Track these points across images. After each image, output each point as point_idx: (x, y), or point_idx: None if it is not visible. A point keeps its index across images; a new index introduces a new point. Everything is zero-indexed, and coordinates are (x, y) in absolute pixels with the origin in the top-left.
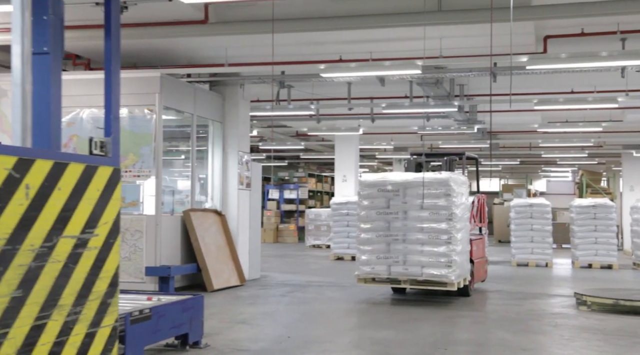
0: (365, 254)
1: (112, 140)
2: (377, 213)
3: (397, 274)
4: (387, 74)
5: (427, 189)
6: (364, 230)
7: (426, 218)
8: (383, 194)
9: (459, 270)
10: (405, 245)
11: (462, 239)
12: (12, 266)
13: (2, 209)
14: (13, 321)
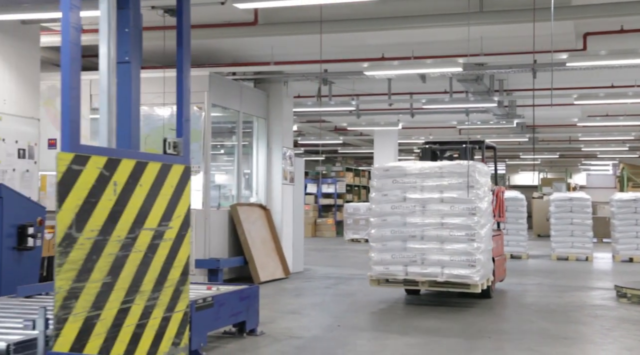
0: (378, 252)
1: (183, 140)
2: (391, 207)
3: (415, 275)
4: (428, 71)
5: (448, 179)
6: (377, 225)
7: (447, 212)
8: (398, 185)
9: (483, 270)
10: (424, 243)
11: (486, 236)
12: (103, 255)
13: (95, 204)
14: (104, 304)
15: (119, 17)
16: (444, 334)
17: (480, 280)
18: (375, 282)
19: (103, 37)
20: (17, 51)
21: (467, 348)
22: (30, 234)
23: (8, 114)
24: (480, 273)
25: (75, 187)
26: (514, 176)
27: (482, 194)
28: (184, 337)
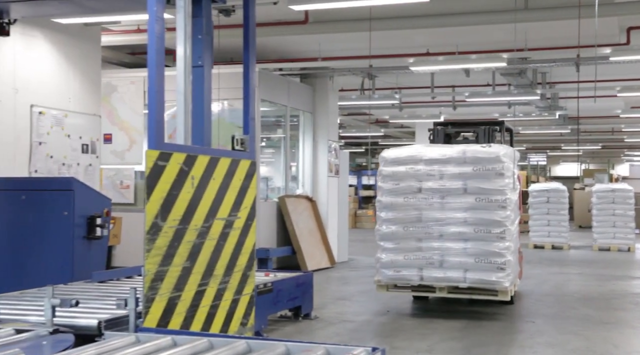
0: (387, 252)
1: (249, 137)
2: (404, 199)
3: (432, 280)
4: (473, 66)
5: (473, 166)
6: (386, 221)
7: (471, 205)
8: (413, 173)
9: (513, 274)
10: (443, 242)
11: (515, 232)
12: (183, 242)
13: (176, 196)
14: (184, 286)
15: (193, 24)
16: (490, 316)
17: (510, 286)
18: (383, 287)
19: (180, 43)
20: (80, 52)
21: (511, 330)
22: (98, 224)
23: (73, 111)
24: (510, 277)
25: (160, 181)
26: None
27: (512, 182)
28: (250, 318)
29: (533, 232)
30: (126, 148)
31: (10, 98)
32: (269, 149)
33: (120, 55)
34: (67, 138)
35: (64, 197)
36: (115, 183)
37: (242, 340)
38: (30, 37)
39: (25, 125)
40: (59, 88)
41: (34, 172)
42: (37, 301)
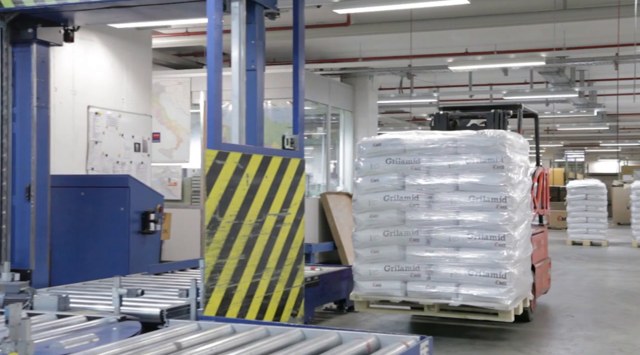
0: (365, 262)
1: (299, 137)
2: (384, 197)
3: (418, 295)
4: (511, 66)
5: (466, 157)
6: (364, 224)
7: (464, 205)
8: (395, 166)
9: (516, 290)
10: (430, 250)
11: (521, 238)
12: (239, 236)
13: (232, 193)
14: (240, 278)
15: (247, 31)
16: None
17: (512, 304)
18: (362, 304)
19: (235, 48)
20: (133, 55)
21: (551, 324)
22: (152, 219)
23: (126, 112)
24: (512, 294)
25: (218, 179)
26: (593, 164)
27: (516, 177)
28: (300, 309)
29: (571, 229)
30: (174, 146)
31: (69, 100)
32: (309, 146)
33: (167, 56)
34: (121, 137)
35: (120, 194)
36: (164, 180)
37: (296, 328)
38: (87, 42)
39: (83, 125)
40: (113, 90)
41: (90, 170)
42: (101, 291)
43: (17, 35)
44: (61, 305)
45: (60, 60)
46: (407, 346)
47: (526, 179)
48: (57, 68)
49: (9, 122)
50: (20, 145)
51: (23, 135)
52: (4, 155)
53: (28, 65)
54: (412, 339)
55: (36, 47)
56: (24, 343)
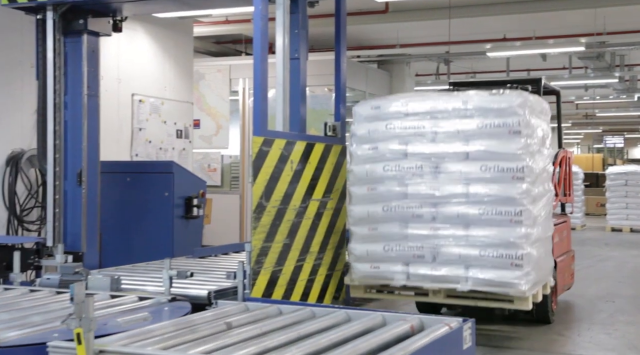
0: (361, 241)
1: (340, 124)
2: (384, 168)
3: (421, 279)
4: (550, 51)
5: (478, 120)
6: (359, 199)
7: (475, 176)
8: (395, 132)
9: (535, 273)
10: (436, 227)
11: (541, 215)
12: (284, 221)
13: (277, 179)
14: (284, 261)
15: (290, 20)
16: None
17: (530, 290)
18: (359, 289)
19: (279, 37)
20: (175, 43)
21: (592, 310)
22: (195, 204)
23: (168, 99)
24: (530, 278)
25: (264, 165)
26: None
27: (536, 145)
28: (342, 292)
29: (610, 215)
30: (213, 133)
31: (115, 88)
32: None
33: (207, 44)
34: (164, 124)
35: (165, 179)
36: (203, 166)
37: (341, 309)
38: (132, 31)
39: (127, 112)
40: (156, 77)
41: (134, 156)
42: (149, 273)
43: (68, 26)
44: (114, 286)
45: (106, 49)
46: (450, 328)
47: (546, 149)
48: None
49: (62, 110)
50: (71, 132)
51: (74, 122)
52: (56, 141)
53: (79, 55)
54: (455, 321)
55: (87, 37)
56: (88, 319)
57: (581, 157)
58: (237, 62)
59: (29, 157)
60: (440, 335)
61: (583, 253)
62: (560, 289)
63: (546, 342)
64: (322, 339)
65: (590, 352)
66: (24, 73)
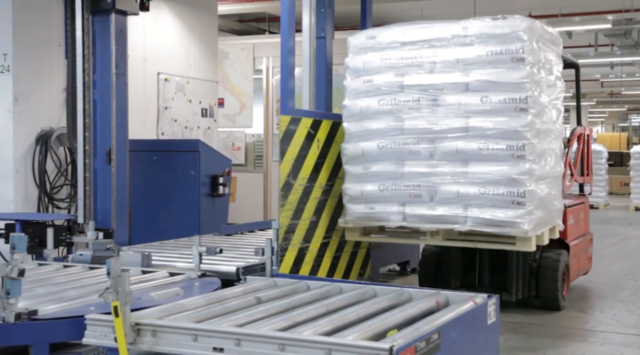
0: (355, 181)
1: None
2: (379, 101)
3: (418, 220)
4: (577, 29)
5: (479, 48)
6: (353, 135)
7: (476, 108)
8: (391, 62)
9: (539, 212)
10: (434, 165)
11: (547, 150)
12: (311, 198)
13: (304, 157)
14: (311, 238)
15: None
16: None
17: (533, 230)
18: (354, 231)
19: (305, 16)
20: (199, 21)
21: (614, 288)
22: (221, 182)
23: (193, 78)
24: (532, 217)
25: (291, 144)
26: None
27: (542, 75)
28: (367, 269)
29: (634, 195)
30: (237, 112)
31: (140, 67)
32: None
33: (230, 23)
34: (189, 103)
35: (191, 158)
36: (228, 145)
37: (368, 285)
38: (157, 10)
39: (153, 91)
40: (181, 56)
41: (160, 135)
42: (178, 250)
43: (96, 5)
44: (144, 262)
45: (132, 28)
46: (475, 303)
47: (557, 82)
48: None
49: (90, 89)
50: (100, 111)
51: (103, 101)
52: (86, 120)
53: (107, 34)
54: (480, 297)
55: (115, 16)
56: (124, 293)
57: (605, 135)
58: (261, 41)
59: (58, 135)
60: (465, 311)
61: (606, 232)
62: (574, 274)
63: (568, 319)
64: (350, 313)
65: (612, 329)
66: (52, 52)
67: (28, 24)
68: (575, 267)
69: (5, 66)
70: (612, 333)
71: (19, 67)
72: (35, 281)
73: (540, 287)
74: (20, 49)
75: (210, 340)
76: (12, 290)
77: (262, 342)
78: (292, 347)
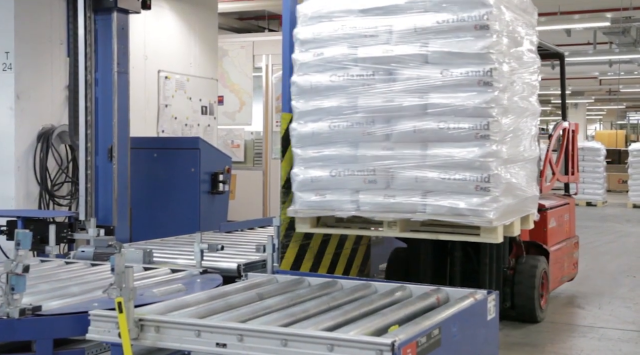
0: (305, 165)
1: None
2: (331, 77)
3: (373, 208)
4: (575, 27)
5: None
6: (303, 115)
7: (436, 83)
8: (343, 33)
9: (506, 199)
10: (390, 147)
11: (516, 130)
12: None
13: None
14: (312, 235)
15: None
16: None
17: (499, 219)
18: (305, 222)
19: None
20: (199, 19)
21: (613, 284)
22: (221, 180)
23: (193, 76)
24: (498, 204)
25: None
26: None
27: (509, 45)
28: (367, 265)
29: (632, 192)
30: (237, 109)
31: (141, 65)
32: None
33: (230, 21)
34: (189, 100)
35: (191, 155)
36: (227, 142)
37: (368, 281)
38: (158, 8)
39: (154, 89)
40: (181, 54)
41: (161, 132)
42: (179, 247)
43: (99, 3)
44: (146, 259)
45: (133, 26)
46: (475, 299)
47: (530, 55)
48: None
49: (92, 87)
50: (102, 108)
51: (105, 99)
52: (88, 118)
53: (109, 32)
54: (480, 293)
55: (116, 14)
56: (128, 289)
57: (604, 133)
58: (261, 39)
59: (60, 133)
60: (466, 307)
61: (604, 229)
62: (555, 281)
63: (567, 315)
64: (351, 309)
65: (611, 325)
66: (53, 49)
67: (30, 21)
68: (557, 275)
69: (7, 64)
70: (610, 329)
71: (21, 65)
72: (38, 277)
73: (515, 297)
74: (23, 46)
75: (213, 336)
76: (16, 286)
77: (264, 337)
78: (294, 343)
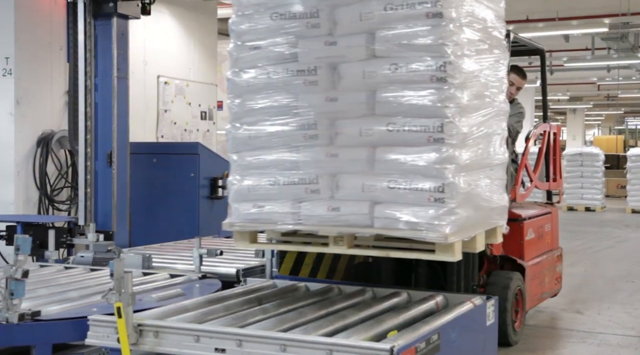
0: (242, 173)
1: None
2: (268, 74)
3: (316, 221)
4: (574, 32)
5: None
6: (238, 116)
7: (384, 79)
8: (284, 22)
9: (464, 211)
10: (335, 152)
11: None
12: None
13: None
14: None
15: None
16: (597, 276)
17: (455, 234)
18: (244, 238)
19: None
20: (199, 25)
21: (612, 289)
22: (220, 185)
23: (193, 81)
24: (455, 217)
25: None
26: None
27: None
28: None
29: (631, 197)
30: None
31: (141, 70)
32: None
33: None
34: (188, 106)
35: (190, 160)
36: (226, 148)
37: (367, 287)
38: (158, 13)
39: (153, 94)
40: (181, 59)
41: (160, 138)
42: (178, 252)
43: (99, 9)
44: (145, 264)
45: (133, 31)
46: (474, 305)
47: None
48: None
49: (92, 92)
50: (102, 114)
51: (104, 104)
52: (87, 123)
53: (109, 38)
54: (478, 298)
55: (116, 20)
56: (127, 294)
57: (602, 138)
58: None
59: (59, 138)
60: (465, 312)
61: (603, 234)
62: (534, 300)
63: (566, 320)
64: (350, 314)
65: (610, 330)
66: (53, 55)
67: (30, 27)
68: (536, 291)
69: (7, 69)
70: (610, 334)
71: (21, 70)
72: (37, 282)
73: None
74: (23, 52)
75: (212, 341)
76: (16, 291)
77: (263, 342)
78: (293, 348)
